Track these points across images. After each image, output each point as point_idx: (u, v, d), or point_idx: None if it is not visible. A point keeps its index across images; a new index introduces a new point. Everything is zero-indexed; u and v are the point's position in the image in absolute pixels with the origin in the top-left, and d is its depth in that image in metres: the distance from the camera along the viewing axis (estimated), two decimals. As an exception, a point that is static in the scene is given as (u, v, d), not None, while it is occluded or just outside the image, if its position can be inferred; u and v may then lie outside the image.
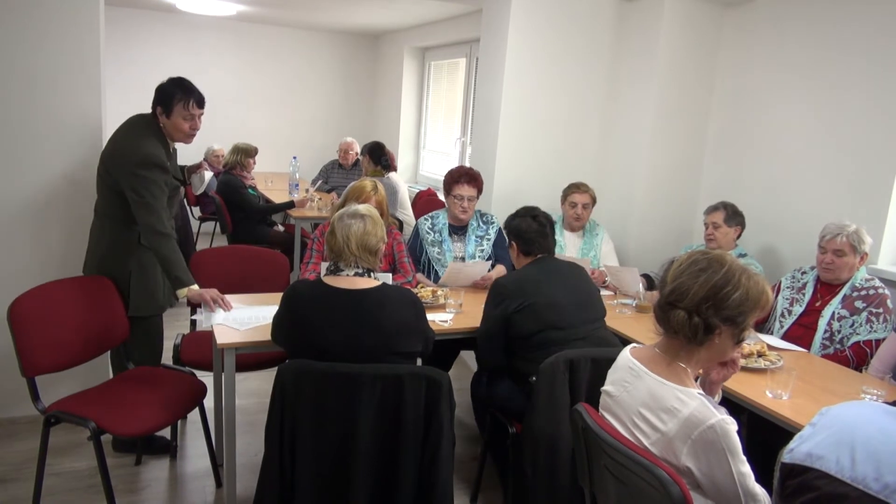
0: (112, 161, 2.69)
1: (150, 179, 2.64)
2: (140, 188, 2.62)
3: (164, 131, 2.78)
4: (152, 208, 2.65)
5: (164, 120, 2.74)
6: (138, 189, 2.62)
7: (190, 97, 2.73)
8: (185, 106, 2.73)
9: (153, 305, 2.90)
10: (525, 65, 4.06)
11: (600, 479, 1.76)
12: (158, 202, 2.67)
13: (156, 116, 2.76)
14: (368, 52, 8.26)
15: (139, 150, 2.64)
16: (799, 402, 2.22)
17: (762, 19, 3.81)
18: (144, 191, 2.63)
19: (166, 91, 2.72)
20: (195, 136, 2.85)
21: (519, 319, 2.52)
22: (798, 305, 3.04)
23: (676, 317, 1.62)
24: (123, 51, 7.06)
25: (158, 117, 2.75)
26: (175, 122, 2.74)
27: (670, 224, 4.25)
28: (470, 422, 3.55)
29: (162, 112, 2.73)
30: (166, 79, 2.77)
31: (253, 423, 3.36)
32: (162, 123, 2.76)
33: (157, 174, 2.66)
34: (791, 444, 1.27)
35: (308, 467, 1.99)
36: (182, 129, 2.77)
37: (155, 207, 2.65)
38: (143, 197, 2.63)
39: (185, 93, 2.73)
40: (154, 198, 2.65)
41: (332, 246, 2.18)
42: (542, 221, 2.74)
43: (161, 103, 2.72)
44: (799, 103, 3.60)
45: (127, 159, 2.64)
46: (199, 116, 2.80)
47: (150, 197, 2.64)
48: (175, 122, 2.74)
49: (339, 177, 6.38)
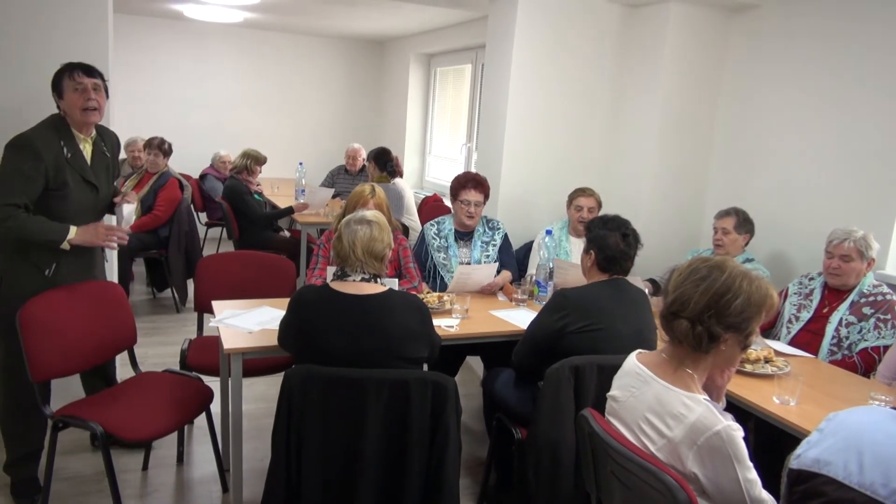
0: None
1: (9, 160, 2.40)
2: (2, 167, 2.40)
3: (68, 119, 2.55)
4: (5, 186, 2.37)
5: (62, 104, 2.54)
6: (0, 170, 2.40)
7: (75, 69, 2.52)
8: (71, 77, 2.51)
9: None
10: (531, 70, 4.07)
11: (606, 484, 1.76)
12: (11, 187, 2.37)
13: (59, 110, 2.57)
14: (374, 58, 8.29)
15: (20, 134, 2.45)
16: (806, 408, 2.21)
17: (769, 25, 3.81)
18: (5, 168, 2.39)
19: (56, 76, 2.54)
20: (97, 111, 2.56)
21: (574, 340, 2.39)
22: (805, 311, 3.03)
23: (680, 326, 1.62)
24: (131, 58, 7.10)
25: (58, 104, 2.55)
26: (69, 100, 2.51)
27: (676, 229, 4.24)
28: (476, 427, 3.55)
29: (58, 97, 2.53)
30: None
31: (259, 428, 3.37)
32: (63, 111, 2.55)
33: (22, 156, 2.39)
34: (798, 450, 1.27)
35: (315, 472, 1.99)
36: (76, 103, 2.51)
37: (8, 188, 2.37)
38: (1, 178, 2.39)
39: (69, 67, 2.53)
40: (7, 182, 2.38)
41: (339, 251, 2.19)
42: (631, 243, 2.54)
43: (53, 88, 2.53)
44: (807, 108, 3.59)
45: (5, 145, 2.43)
46: (92, 87, 2.54)
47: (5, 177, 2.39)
48: (69, 99, 2.51)
49: (345, 182, 6.41)
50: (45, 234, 2.44)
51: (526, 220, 4.22)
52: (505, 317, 3.02)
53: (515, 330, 2.85)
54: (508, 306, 3.22)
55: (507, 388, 2.74)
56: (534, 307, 3.17)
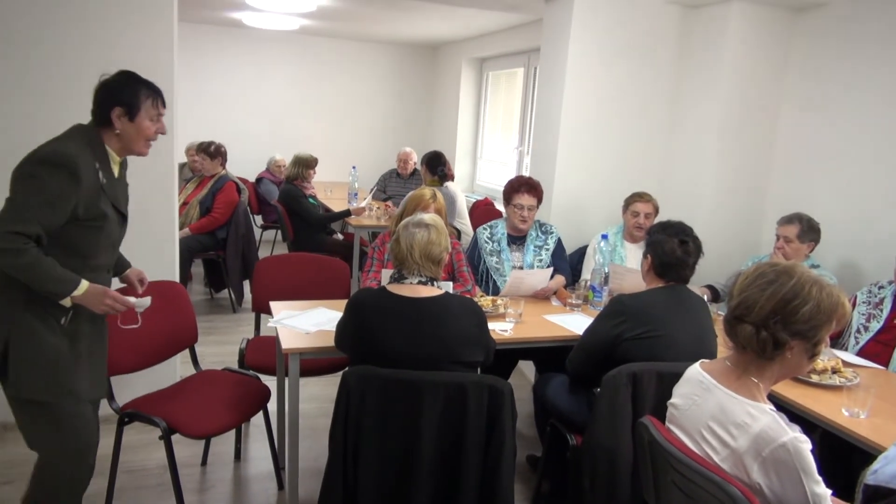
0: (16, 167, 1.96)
1: (39, 179, 1.89)
2: (21, 186, 1.90)
3: (121, 141, 2.11)
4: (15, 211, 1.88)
5: (125, 124, 2.07)
6: (18, 188, 1.90)
7: (158, 94, 2.15)
8: (154, 104, 2.13)
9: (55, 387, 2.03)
10: (586, 73, 4.03)
11: (666, 494, 1.72)
12: (30, 210, 1.88)
13: (103, 122, 2.08)
14: (427, 62, 8.35)
15: (46, 147, 1.95)
16: (878, 422, 2.12)
17: (835, 25, 3.68)
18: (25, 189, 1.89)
19: (126, 88, 2.08)
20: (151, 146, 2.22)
21: (631, 347, 2.34)
22: (875, 321, 2.91)
23: (744, 331, 1.57)
24: (192, 64, 7.33)
25: (114, 122, 2.06)
26: (141, 125, 2.09)
27: (736, 235, 4.13)
28: (527, 432, 3.53)
29: (123, 114, 2.06)
30: (112, 75, 2.13)
31: (314, 427, 3.42)
32: (118, 130, 2.07)
33: (55, 176, 1.90)
34: (875, 465, 1.22)
35: (371, 473, 2.01)
36: (148, 132, 2.12)
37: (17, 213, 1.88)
38: (11, 197, 1.90)
39: (152, 89, 2.13)
40: (25, 202, 1.89)
41: (397, 254, 2.20)
42: (690, 250, 2.46)
43: (122, 103, 2.05)
44: (874, 111, 3.45)
45: (29, 157, 1.93)
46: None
47: (20, 199, 1.89)
48: (141, 124, 2.09)
49: (396, 185, 6.46)
50: (52, 283, 1.94)
51: (580, 224, 4.18)
52: (559, 321, 2.99)
53: (569, 335, 2.82)
54: (562, 311, 3.19)
55: (560, 394, 2.71)
56: (588, 312, 3.13)
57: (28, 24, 3.00)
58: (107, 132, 2.09)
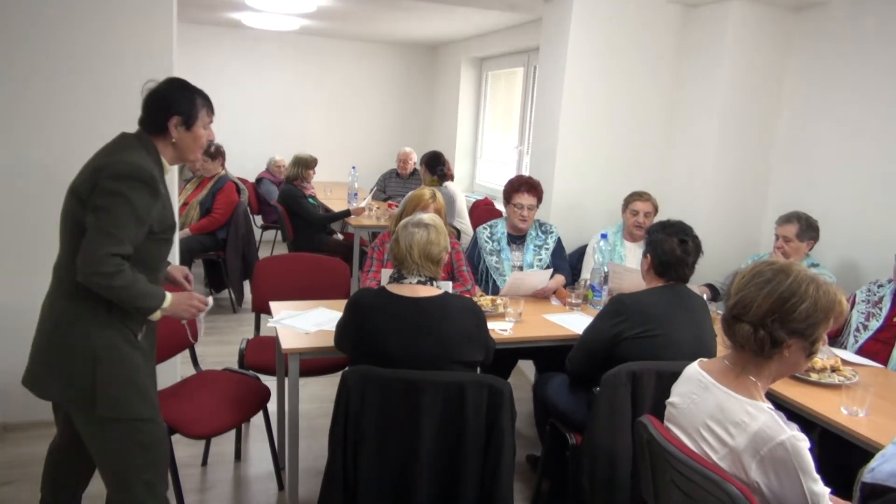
0: (81, 180, 1.90)
1: (124, 197, 1.83)
2: (107, 205, 1.83)
3: (176, 150, 2.07)
4: (110, 237, 1.82)
5: (181, 134, 2.03)
6: (104, 206, 1.82)
7: (210, 102, 2.13)
8: (208, 112, 2.11)
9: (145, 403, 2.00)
10: (585, 72, 4.03)
11: (665, 493, 1.72)
12: (123, 231, 1.84)
13: (159, 131, 2.03)
14: (426, 62, 8.36)
15: (120, 159, 1.89)
16: (877, 420, 2.13)
17: (835, 24, 3.68)
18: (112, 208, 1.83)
19: (183, 97, 2.05)
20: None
21: (630, 346, 2.35)
22: (875, 320, 2.91)
23: (741, 330, 1.58)
24: (193, 64, 7.32)
25: (171, 131, 2.02)
26: (197, 134, 2.07)
27: (736, 233, 4.13)
28: (527, 432, 3.53)
29: (181, 123, 2.02)
30: (160, 85, 2.08)
31: (314, 427, 3.42)
32: (175, 138, 2.03)
33: (138, 192, 1.86)
34: (872, 463, 1.22)
35: (371, 472, 2.01)
36: (203, 141, 2.10)
37: (114, 237, 1.82)
38: (106, 218, 1.82)
39: (204, 97, 2.11)
40: (117, 223, 1.83)
41: (396, 254, 2.21)
42: (689, 249, 2.47)
43: (180, 112, 2.02)
44: (874, 108, 3.45)
45: (99, 171, 1.87)
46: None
47: (112, 220, 1.82)
48: (197, 132, 2.07)
49: (396, 186, 6.46)
50: (144, 300, 1.91)
51: (579, 224, 4.18)
52: (558, 321, 2.99)
53: (569, 334, 2.83)
54: (562, 310, 3.19)
55: (560, 393, 2.71)
56: (588, 311, 3.14)
57: (26, 25, 3.00)
58: (161, 141, 2.04)
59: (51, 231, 3.16)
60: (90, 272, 1.81)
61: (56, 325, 1.95)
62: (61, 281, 1.97)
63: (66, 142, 3.14)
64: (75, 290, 1.89)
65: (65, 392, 1.94)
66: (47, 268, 2.04)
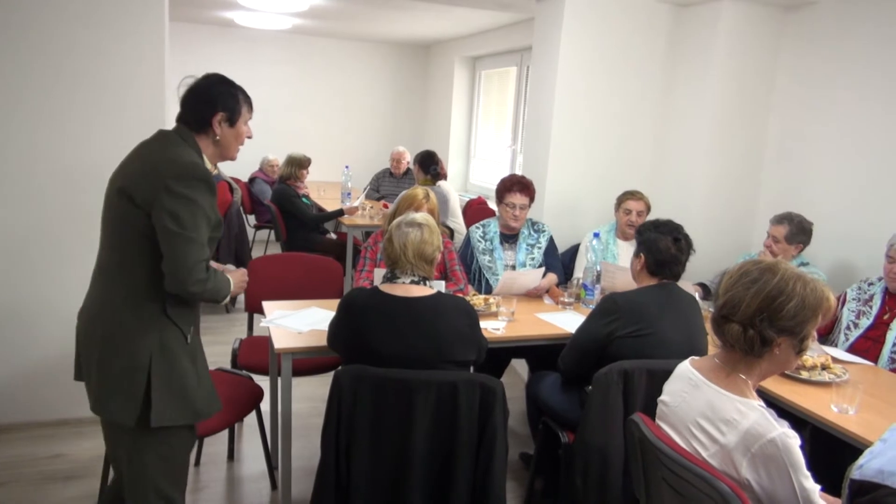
0: (135, 180, 1.85)
1: (192, 199, 1.82)
2: (179, 209, 1.79)
3: (217, 148, 2.03)
4: (194, 244, 1.81)
5: (224, 130, 1.99)
6: (176, 211, 1.79)
7: (249, 98, 2.10)
8: (249, 108, 2.09)
9: (185, 411, 1.91)
10: (577, 72, 4.04)
11: (657, 490, 1.73)
12: (202, 236, 1.84)
13: (201, 128, 1.99)
14: (420, 62, 8.36)
15: (177, 159, 1.86)
16: (866, 417, 2.14)
17: (825, 23, 3.70)
18: (185, 213, 1.80)
19: (225, 93, 2.01)
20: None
21: (622, 345, 2.36)
22: (865, 318, 2.93)
23: (731, 330, 1.58)
24: (185, 63, 7.28)
25: (214, 127, 1.98)
26: (239, 130, 2.05)
27: (728, 232, 4.15)
28: (520, 430, 3.54)
29: (224, 119, 1.99)
30: (200, 80, 2.05)
31: (307, 427, 3.42)
32: (218, 135, 1.99)
33: (202, 192, 1.85)
34: (861, 461, 1.23)
35: (364, 472, 2.01)
36: (243, 139, 2.09)
37: (197, 243, 1.82)
38: (182, 224, 1.79)
39: (244, 93, 2.08)
40: (196, 228, 1.82)
41: (389, 253, 2.21)
42: (683, 247, 2.49)
43: (226, 108, 1.98)
44: (865, 107, 3.48)
45: (158, 171, 1.83)
46: None
47: (191, 225, 1.81)
48: (240, 129, 2.05)
49: (390, 185, 6.46)
50: (220, 292, 1.94)
51: (572, 222, 4.19)
52: (551, 320, 3.00)
53: (561, 333, 2.83)
54: (555, 309, 3.20)
55: (553, 392, 2.72)
56: (580, 310, 3.14)
57: (16, 23, 2.99)
58: (204, 138, 2.00)
59: (44, 231, 3.17)
60: (186, 282, 1.80)
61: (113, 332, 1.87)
62: (114, 284, 1.90)
63: (58, 141, 3.13)
64: (131, 293, 1.87)
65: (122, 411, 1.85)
66: (37, 267, 2.03)
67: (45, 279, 3.22)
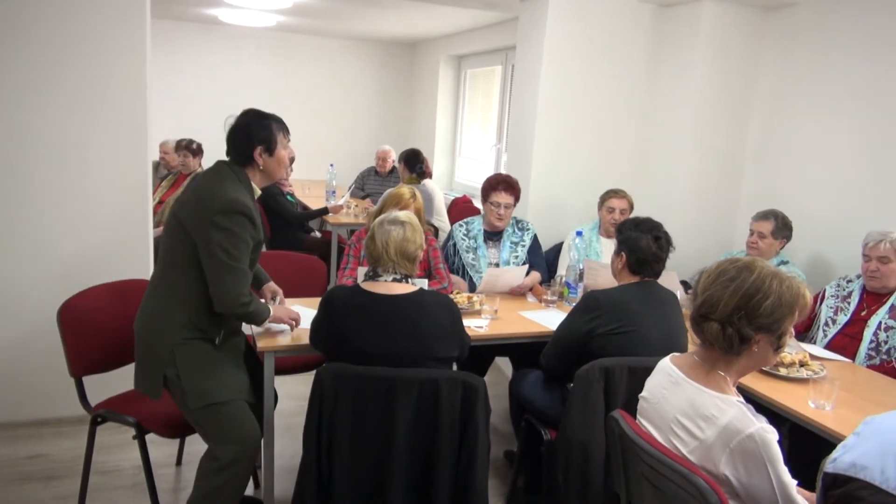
0: (186, 209, 2.21)
1: (234, 232, 2.12)
2: (223, 242, 2.11)
3: (264, 175, 2.34)
4: (237, 272, 2.14)
5: (266, 160, 2.29)
6: (221, 243, 2.11)
7: (283, 124, 2.39)
8: (285, 134, 2.38)
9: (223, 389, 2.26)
10: (561, 71, 4.06)
11: (636, 486, 1.75)
12: (243, 263, 2.17)
13: (246, 162, 2.29)
14: (405, 60, 8.34)
15: (221, 195, 2.14)
16: (843, 413, 2.17)
17: (805, 23, 3.74)
18: (229, 245, 2.11)
19: (261, 127, 2.29)
20: None
21: (604, 342, 2.38)
22: (843, 314, 2.97)
23: (710, 329, 1.60)
24: (168, 61, 7.24)
25: (256, 160, 2.27)
26: (280, 157, 2.33)
27: (711, 230, 4.19)
28: (504, 428, 3.55)
29: (264, 151, 2.28)
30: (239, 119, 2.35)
31: (290, 426, 3.41)
32: (262, 165, 2.29)
33: (243, 225, 2.14)
34: (834, 454, 1.25)
35: (345, 470, 2.01)
36: (286, 161, 2.38)
37: (240, 271, 2.15)
38: (228, 255, 2.11)
39: (278, 121, 2.36)
40: (239, 258, 2.14)
41: (372, 251, 2.21)
42: (663, 245, 2.52)
43: (262, 142, 2.28)
44: (845, 108, 3.52)
45: (205, 205, 2.14)
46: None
47: (234, 256, 2.13)
48: (279, 155, 2.33)
49: (375, 184, 6.45)
50: (259, 316, 2.31)
51: (556, 221, 4.21)
52: (534, 318, 3.01)
53: (545, 331, 2.85)
54: (538, 307, 3.21)
55: (535, 390, 2.73)
56: (564, 308, 3.16)
57: None
58: (250, 170, 2.30)
59: (21, 228, 3.14)
60: (233, 305, 2.17)
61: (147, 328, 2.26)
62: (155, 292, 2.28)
63: (38, 138, 3.10)
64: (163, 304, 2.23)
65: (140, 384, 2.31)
66: (14, 265, 2.02)
67: (22, 278, 3.18)
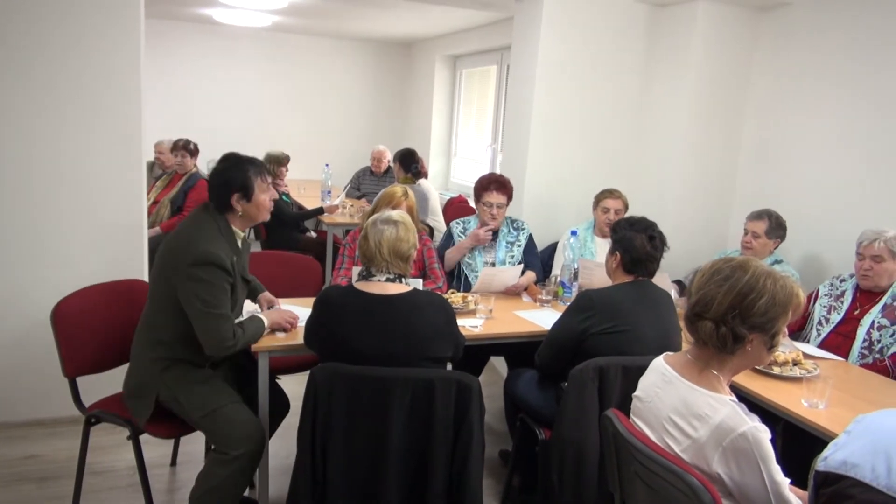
0: (164, 260, 2.31)
1: (209, 282, 2.21)
2: (200, 292, 2.20)
3: (244, 219, 2.40)
4: (219, 318, 2.22)
5: (244, 206, 2.34)
6: (198, 294, 2.20)
7: (262, 167, 2.39)
8: (263, 178, 2.37)
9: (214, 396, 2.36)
10: (556, 71, 4.06)
11: (630, 485, 1.75)
12: (223, 308, 2.24)
13: (225, 208, 2.34)
14: (401, 60, 8.34)
15: (193, 247, 2.22)
16: (836, 412, 2.18)
17: (799, 23, 3.76)
18: (206, 294, 2.20)
19: (236, 175, 2.32)
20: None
21: (598, 342, 2.38)
22: (836, 313, 2.98)
23: (704, 328, 1.61)
24: (161, 61, 7.23)
25: (234, 206, 2.33)
26: (258, 201, 2.36)
27: (705, 230, 4.20)
28: (499, 427, 3.55)
29: (241, 198, 2.32)
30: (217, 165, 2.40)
31: (284, 426, 3.37)
32: (240, 211, 2.34)
33: (216, 275, 2.22)
34: (826, 452, 1.25)
35: (339, 470, 2.01)
36: (266, 204, 2.40)
37: (221, 316, 2.23)
38: (205, 303, 2.20)
39: (256, 164, 2.38)
40: (218, 305, 2.22)
41: (365, 251, 2.20)
42: (658, 245, 2.52)
43: (240, 189, 2.31)
44: (838, 108, 3.53)
45: (179, 257, 2.23)
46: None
47: (212, 303, 2.21)
48: (258, 200, 2.36)
49: (370, 183, 6.45)
50: (255, 337, 2.38)
51: (551, 220, 4.21)
52: (529, 317, 3.01)
53: (540, 330, 2.85)
54: (533, 307, 3.21)
55: (529, 389, 2.73)
56: (558, 308, 3.16)
57: (-10, 21, 2.95)
58: (231, 215, 2.36)
59: (15, 230, 3.12)
60: (220, 349, 2.24)
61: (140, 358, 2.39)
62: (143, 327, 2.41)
63: (32, 139, 3.09)
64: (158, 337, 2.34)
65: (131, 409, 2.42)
66: (7, 267, 2.02)
67: (15, 279, 3.17)
